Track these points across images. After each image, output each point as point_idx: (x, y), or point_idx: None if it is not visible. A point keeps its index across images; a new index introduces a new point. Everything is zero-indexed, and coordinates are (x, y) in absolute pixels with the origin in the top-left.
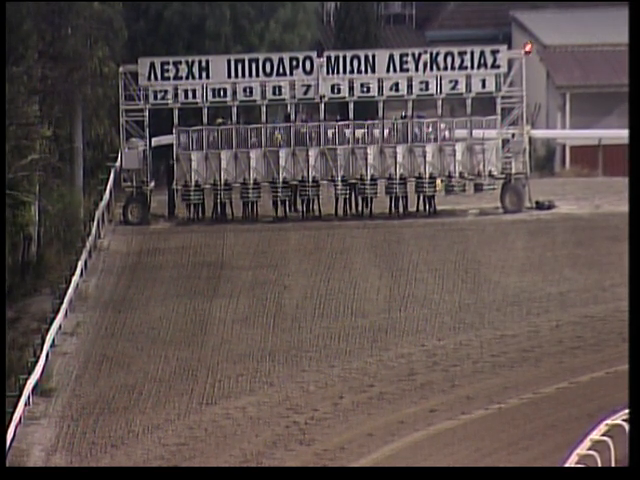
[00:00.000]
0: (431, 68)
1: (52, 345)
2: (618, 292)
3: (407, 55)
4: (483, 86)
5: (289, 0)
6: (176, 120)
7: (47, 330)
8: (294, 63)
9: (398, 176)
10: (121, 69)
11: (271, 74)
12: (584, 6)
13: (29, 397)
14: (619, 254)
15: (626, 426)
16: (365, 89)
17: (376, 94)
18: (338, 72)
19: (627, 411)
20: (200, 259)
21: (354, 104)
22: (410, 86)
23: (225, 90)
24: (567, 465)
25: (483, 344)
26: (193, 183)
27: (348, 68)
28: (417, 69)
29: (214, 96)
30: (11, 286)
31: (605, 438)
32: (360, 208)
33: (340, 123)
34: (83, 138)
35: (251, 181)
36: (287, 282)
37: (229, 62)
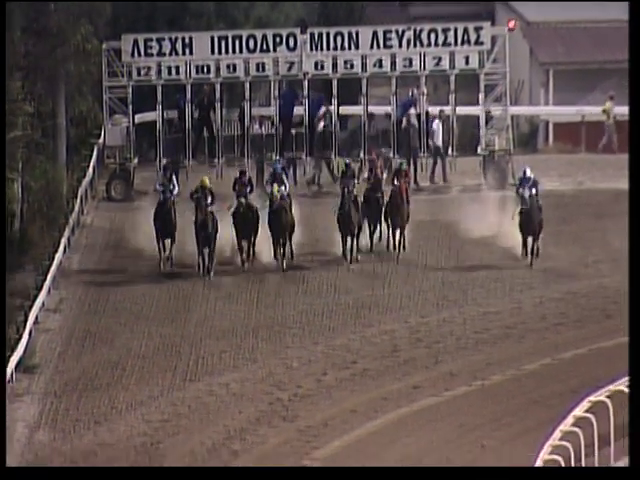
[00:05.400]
0: (414, 45)
1: (35, 322)
2: (601, 269)
3: (391, 32)
4: (466, 63)
5: None
6: (159, 97)
7: (30, 307)
8: (277, 40)
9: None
10: (104, 46)
11: (254, 51)
12: None
13: (12, 374)
14: (602, 231)
15: (609, 402)
16: (349, 66)
17: (360, 71)
18: (322, 49)
19: (620, 385)
20: (186, 228)
21: (337, 81)
22: (394, 63)
23: (209, 67)
24: (552, 443)
25: (466, 321)
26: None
27: (332, 45)
28: (400, 46)
29: (197, 73)
30: None
31: (588, 415)
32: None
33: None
34: (66, 115)
35: None
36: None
37: (212, 39)
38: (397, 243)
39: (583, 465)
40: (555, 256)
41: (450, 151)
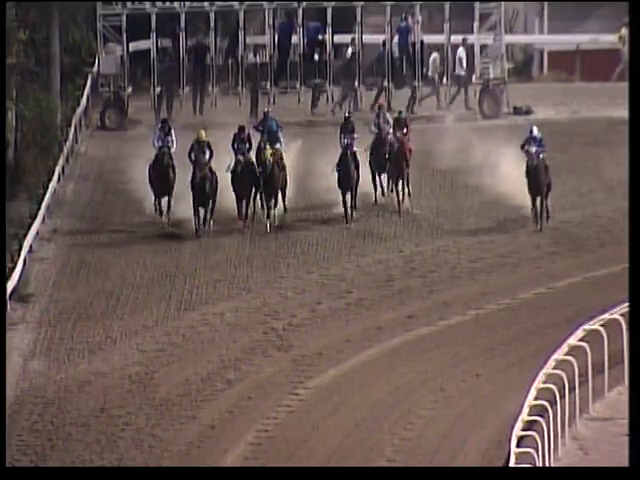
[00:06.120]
0: None
1: (29, 251)
2: (595, 197)
3: None
4: None
5: None
6: (154, 25)
7: (24, 235)
8: None
9: None
10: None
11: None
12: None
13: (7, 303)
14: (597, 160)
15: (603, 331)
16: None
17: None
18: None
19: (615, 314)
20: (178, 163)
21: (332, 9)
22: None
23: None
24: (546, 371)
25: (461, 250)
26: None
27: None
28: None
29: (192, 1)
30: None
31: (582, 343)
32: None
33: None
34: (60, 43)
35: None
36: None
37: None
38: (398, 196)
39: (577, 393)
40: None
41: (445, 80)
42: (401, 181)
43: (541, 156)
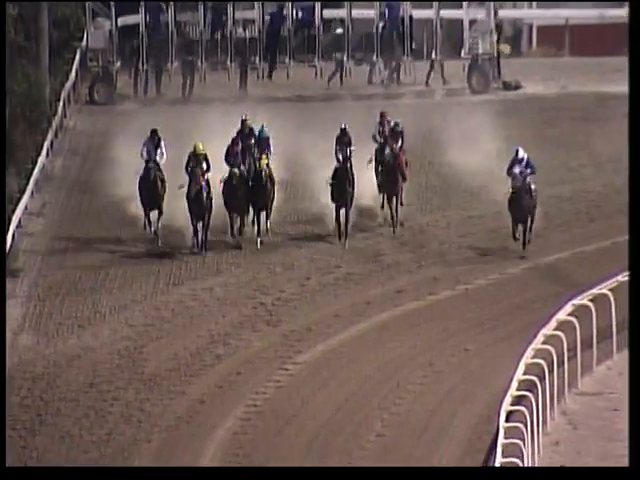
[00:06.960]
0: None
1: (18, 226)
2: (585, 172)
3: None
4: None
5: None
6: None
7: (13, 210)
8: None
9: None
10: None
11: None
12: None
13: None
14: (586, 135)
15: (592, 306)
16: None
17: None
18: None
19: (604, 289)
20: (166, 136)
21: None
22: None
23: None
24: (535, 346)
25: (450, 225)
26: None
27: None
28: None
29: None
30: None
31: (571, 318)
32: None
33: None
34: (49, 17)
35: None
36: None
37: None
38: (393, 212)
39: (566, 368)
40: (539, 160)
41: (434, 54)
42: (394, 197)
43: (527, 179)
